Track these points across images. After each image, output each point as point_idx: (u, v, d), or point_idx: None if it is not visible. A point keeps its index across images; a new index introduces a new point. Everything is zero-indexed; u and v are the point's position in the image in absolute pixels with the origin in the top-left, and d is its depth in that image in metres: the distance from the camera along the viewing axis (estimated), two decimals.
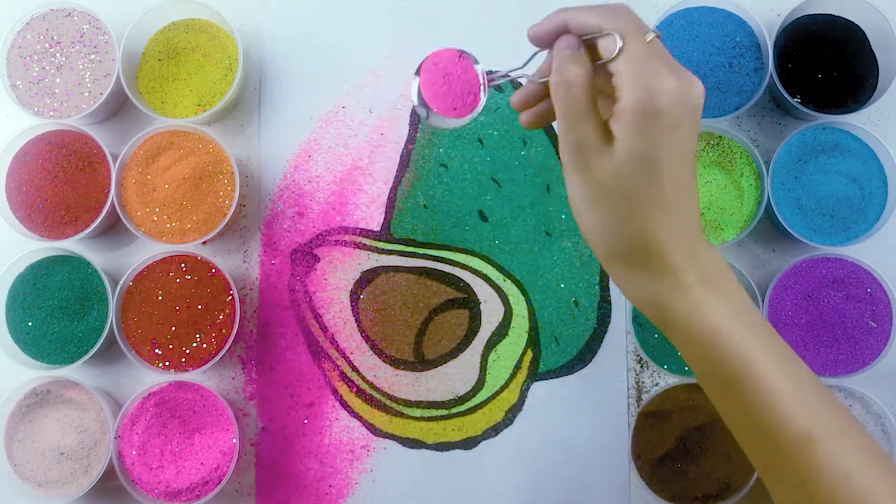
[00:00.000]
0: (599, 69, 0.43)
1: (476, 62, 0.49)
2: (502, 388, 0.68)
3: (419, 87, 0.49)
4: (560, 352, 0.68)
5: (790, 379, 0.43)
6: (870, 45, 0.67)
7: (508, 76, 0.49)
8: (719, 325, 0.43)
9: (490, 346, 0.68)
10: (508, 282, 0.69)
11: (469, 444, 0.68)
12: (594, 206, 0.44)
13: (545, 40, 0.45)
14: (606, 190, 0.43)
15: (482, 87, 0.49)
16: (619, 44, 0.42)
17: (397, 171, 0.70)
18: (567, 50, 0.44)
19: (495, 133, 0.69)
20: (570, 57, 0.44)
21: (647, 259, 0.44)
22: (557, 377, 0.68)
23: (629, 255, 0.44)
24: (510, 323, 0.68)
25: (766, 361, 0.43)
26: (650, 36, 0.43)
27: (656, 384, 0.68)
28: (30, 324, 0.66)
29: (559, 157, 0.44)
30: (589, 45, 0.44)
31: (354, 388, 0.68)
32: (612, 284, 0.68)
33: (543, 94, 0.48)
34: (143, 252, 0.68)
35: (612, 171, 0.42)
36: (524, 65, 0.48)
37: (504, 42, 0.66)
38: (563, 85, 0.43)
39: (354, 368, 0.68)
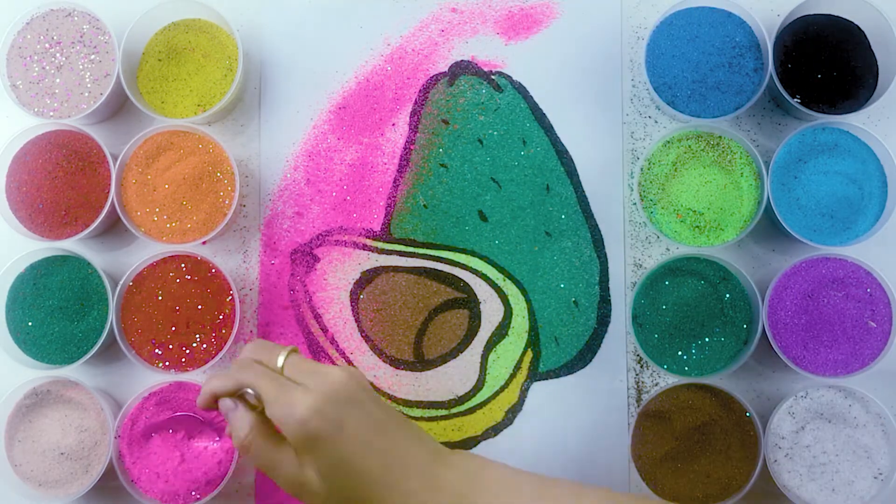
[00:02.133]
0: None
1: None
2: (502, 389, 0.68)
3: None
4: (560, 352, 0.68)
5: None
6: (870, 45, 0.67)
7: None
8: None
9: (490, 346, 0.68)
10: (508, 282, 0.69)
11: (469, 444, 0.68)
12: None
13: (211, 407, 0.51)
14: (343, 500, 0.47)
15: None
16: (254, 400, 0.48)
17: (397, 171, 0.70)
18: (228, 412, 0.49)
19: (495, 133, 0.70)
20: (233, 418, 0.49)
21: None
22: (557, 377, 0.68)
23: None
24: (510, 323, 0.68)
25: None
26: (281, 359, 0.49)
27: (656, 384, 0.68)
28: (30, 324, 0.66)
29: None
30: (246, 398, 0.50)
31: None
32: (611, 284, 0.68)
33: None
34: (143, 252, 0.68)
35: (329, 491, 0.47)
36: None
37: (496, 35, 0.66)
38: (243, 447, 0.48)
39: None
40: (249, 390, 0.49)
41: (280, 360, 0.50)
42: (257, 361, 0.50)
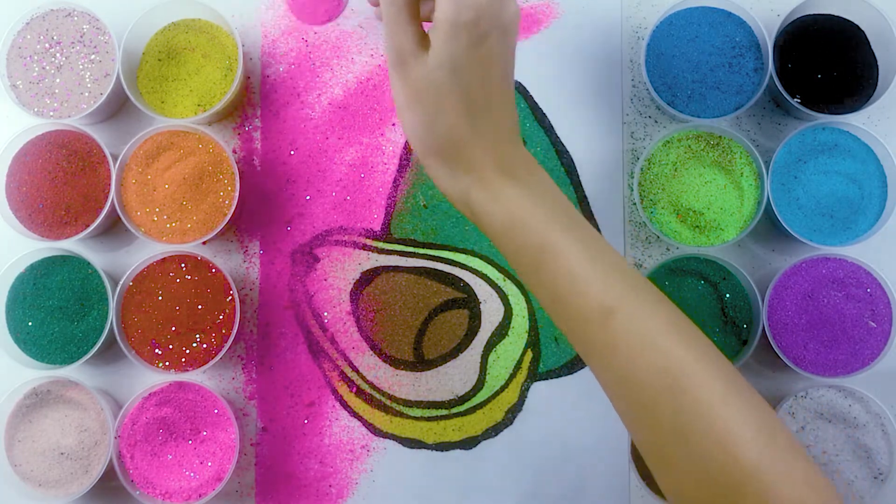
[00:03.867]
0: None
1: None
2: (502, 389, 0.68)
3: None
4: (560, 352, 0.68)
5: (590, 258, 0.46)
6: (870, 45, 0.67)
7: None
8: (518, 212, 0.47)
9: (490, 346, 0.68)
10: (508, 282, 0.69)
11: (469, 444, 0.68)
12: (411, 107, 0.48)
13: None
14: (420, 93, 0.47)
15: None
16: None
17: (397, 171, 0.70)
18: None
19: None
20: None
21: (455, 156, 0.48)
22: (557, 377, 0.68)
23: (440, 152, 0.48)
24: (510, 323, 0.68)
25: (564, 242, 0.46)
26: None
27: None
28: (30, 324, 0.66)
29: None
30: None
31: (354, 388, 0.68)
32: None
33: None
34: (143, 252, 0.68)
35: (424, 76, 0.47)
36: None
37: None
38: None
39: (354, 368, 0.68)
40: None
41: None
42: None
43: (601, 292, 0.45)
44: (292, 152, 0.70)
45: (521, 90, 0.70)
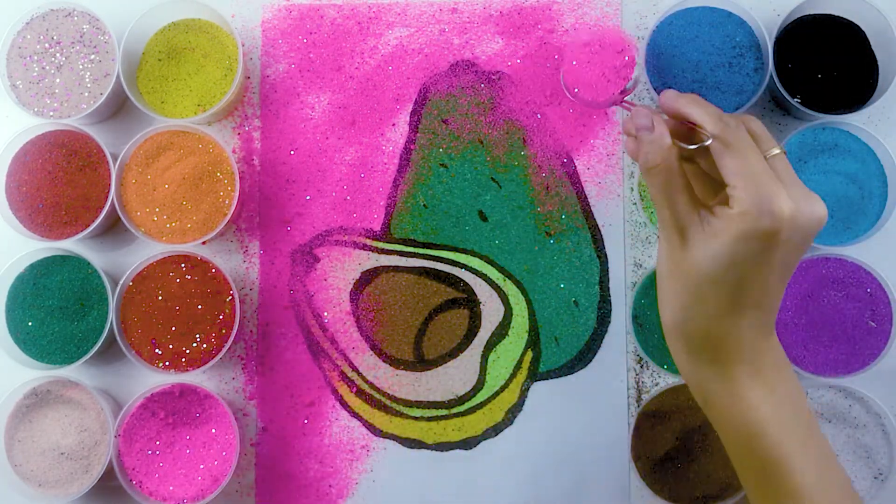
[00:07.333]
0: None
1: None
2: (502, 389, 0.68)
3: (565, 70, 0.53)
4: (560, 352, 0.68)
5: (818, 478, 0.44)
6: (870, 45, 0.67)
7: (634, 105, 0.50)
8: (757, 419, 0.44)
9: (490, 346, 0.68)
10: (508, 282, 0.69)
11: (469, 444, 0.68)
12: (670, 282, 0.45)
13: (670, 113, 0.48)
14: (681, 273, 0.44)
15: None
16: (709, 141, 0.44)
17: (397, 171, 0.70)
18: (647, 134, 0.45)
19: (495, 133, 0.70)
20: (650, 143, 0.45)
21: (702, 346, 0.45)
22: (557, 377, 0.68)
23: (689, 338, 0.45)
24: (510, 323, 0.68)
25: (798, 461, 0.44)
26: (773, 152, 0.44)
27: (656, 384, 0.68)
28: (30, 324, 0.66)
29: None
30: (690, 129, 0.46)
31: (354, 388, 0.68)
32: (611, 284, 0.68)
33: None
34: (143, 252, 0.68)
35: (688, 260, 0.43)
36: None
37: None
38: (649, 169, 0.45)
39: (354, 368, 0.68)
40: (713, 139, 0.43)
41: (775, 150, 0.45)
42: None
43: None
44: (292, 152, 0.70)
45: (521, 90, 0.70)
